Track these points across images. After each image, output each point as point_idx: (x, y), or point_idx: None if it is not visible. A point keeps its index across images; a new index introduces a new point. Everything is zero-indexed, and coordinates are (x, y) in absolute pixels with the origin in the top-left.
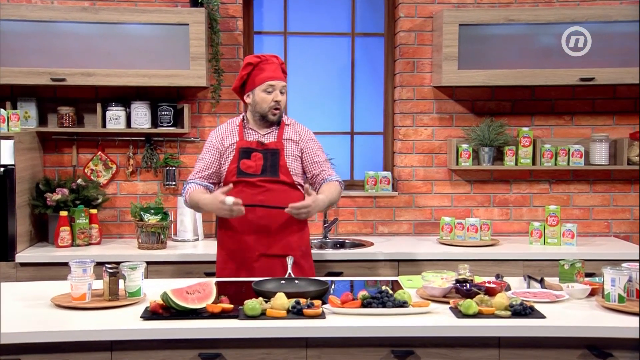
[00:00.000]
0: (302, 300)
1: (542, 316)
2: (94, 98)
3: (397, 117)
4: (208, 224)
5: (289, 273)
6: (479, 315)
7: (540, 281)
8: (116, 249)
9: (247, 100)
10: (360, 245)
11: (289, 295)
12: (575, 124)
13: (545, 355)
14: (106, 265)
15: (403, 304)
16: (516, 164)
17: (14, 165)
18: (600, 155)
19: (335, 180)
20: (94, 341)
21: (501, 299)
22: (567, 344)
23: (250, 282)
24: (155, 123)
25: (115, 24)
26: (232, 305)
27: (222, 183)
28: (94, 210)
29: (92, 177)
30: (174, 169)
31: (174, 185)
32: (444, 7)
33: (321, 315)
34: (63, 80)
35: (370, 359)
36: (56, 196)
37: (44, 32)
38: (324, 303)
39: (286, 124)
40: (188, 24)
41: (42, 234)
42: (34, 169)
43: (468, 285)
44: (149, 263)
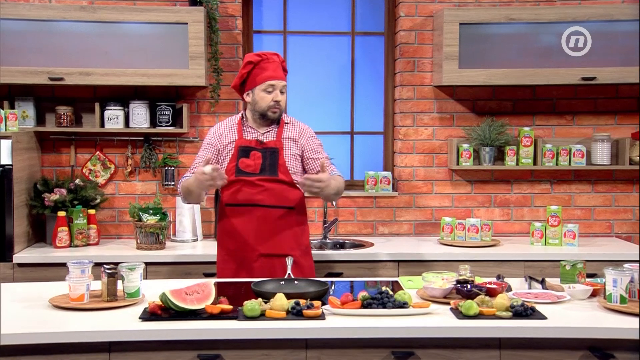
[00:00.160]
0: (302, 301)
1: (544, 317)
2: (92, 97)
3: (398, 117)
4: (207, 224)
5: (289, 273)
6: (479, 316)
7: (542, 282)
8: (114, 249)
9: (247, 99)
10: (361, 245)
11: (289, 296)
12: (576, 124)
13: (547, 357)
14: (104, 265)
15: (403, 305)
16: (517, 164)
17: (11, 165)
18: (602, 155)
19: (338, 175)
20: (92, 342)
21: (502, 299)
22: (569, 345)
23: (250, 283)
24: (153, 123)
25: (113, 23)
26: (232, 306)
27: None
28: (92, 211)
29: (91, 177)
30: (172, 169)
31: (173, 185)
32: (445, 6)
33: (321, 316)
34: (61, 79)
35: None
36: (54, 196)
37: (42, 31)
38: (323, 304)
39: (286, 123)
40: (187, 23)
41: (40, 235)
42: (31, 169)
43: (469, 286)
44: (147, 264)
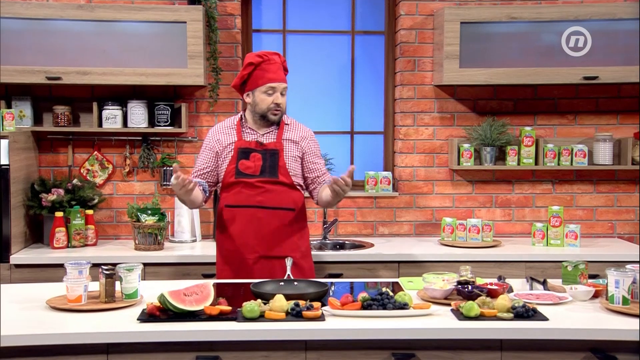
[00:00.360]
0: (301, 302)
1: (545, 318)
2: (90, 97)
3: (398, 117)
4: (206, 224)
5: (288, 274)
6: (480, 317)
7: (543, 283)
8: (112, 250)
9: (247, 100)
10: (360, 246)
11: (288, 297)
12: (578, 124)
13: (548, 358)
14: (102, 266)
15: (404, 306)
16: (518, 164)
17: (8, 165)
18: (604, 155)
19: None
20: (90, 344)
21: (503, 301)
22: (571, 346)
23: (249, 284)
24: (152, 122)
25: (111, 21)
26: (231, 307)
27: (221, 183)
28: (90, 211)
29: (88, 178)
30: (171, 169)
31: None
32: (445, 5)
33: (321, 318)
34: (58, 78)
35: None
36: (51, 197)
37: (39, 30)
38: (323, 305)
39: (286, 124)
40: (185, 22)
41: (37, 235)
42: (29, 169)
43: (470, 287)
44: (145, 264)
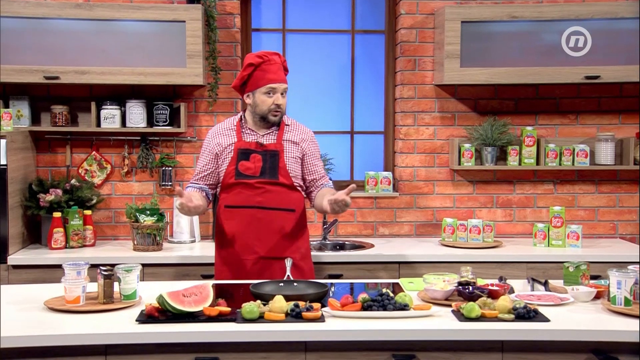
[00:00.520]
0: (301, 303)
1: (547, 320)
2: (88, 96)
3: (398, 116)
4: (205, 225)
5: (288, 275)
6: (481, 318)
7: (545, 284)
8: (111, 250)
9: (247, 101)
10: (361, 247)
11: (288, 298)
12: (580, 123)
13: None
14: (101, 267)
15: (404, 307)
16: (520, 164)
17: (6, 165)
18: (605, 155)
19: (332, 188)
20: (88, 345)
21: (504, 302)
22: (572, 348)
23: (248, 285)
24: (150, 122)
25: (110, 20)
26: (230, 309)
27: (221, 184)
28: (88, 212)
29: (86, 178)
30: (170, 169)
31: (170, 185)
32: (446, 4)
33: (320, 319)
34: (56, 78)
35: None
36: (49, 197)
37: (37, 29)
38: (323, 306)
39: (286, 124)
40: (184, 21)
41: (35, 236)
42: (26, 169)
43: (470, 287)
44: (144, 265)
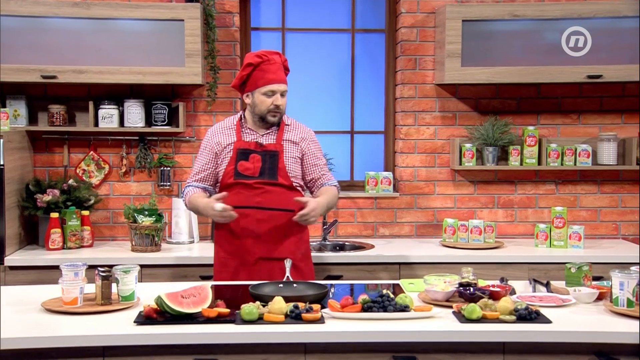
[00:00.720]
0: (301, 305)
1: (548, 321)
2: (85, 96)
3: (399, 116)
4: (204, 225)
5: (287, 276)
6: (482, 320)
7: (546, 285)
8: (109, 251)
9: (247, 101)
10: (361, 247)
11: (287, 299)
12: (582, 123)
13: None
14: (98, 268)
15: (405, 309)
16: (521, 164)
17: (2, 165)
18: (608, 154)
19: (333, 186)
20: (86, 347)
21: (506, 303)
22: (574, 349)
23: (247, 286)
24: (149, 122)
25: (107, 19)
26: (229, 310)
27: (220, 184)
28: (85, 212)
29: (84, 178)
30: (168, 169)
31: (169, 185)
32: (447, 3)
33: (320, 320)
34: (54, 77)
35: None
36: (47, 197)
37: (35, 28)
38: (323, 307)
39: (286, 124)
40: (183, 20)
41: (32, 237)
42: (23, 169)
43: (472, 289)
44: (142, 266)
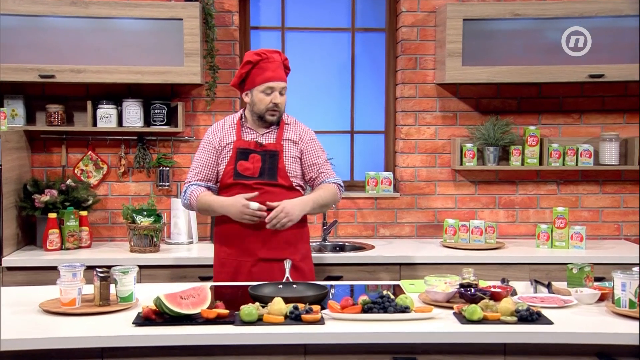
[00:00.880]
0: (301, 306)
1: (550, 322)
2: (84, 95)
3: (399, 116)
4: (203, 226)
5: (287, 277)
6: (483, 321)
7: (548, 286)
8: (107, 252)
9: (246, 99)
10: (361, 248)
11: (287, 300)
12: (584, 123)
13: None
14: (97, 269)
15: (405, 309)
16: (522, 164)
17: (0, 165)
18: (610, 154)
19: (333, 183)
20: (84, 348)
21: (507, 304)
22: (576, 351)
23: (247, 287)
24: (147, 122)
25: (106, 18)
26: (228, 311)
27: (219, 184)
28: (84, 212)
29: (82, 178)
30: (167, 169)
31: (168, 186)
32: (448, 2)
33: (320, 321)
34: (52, 77)
35: None
36: (45, 197)
37: (32, 27)
38: (323, 308)
39: (286, 123)
40: (182, 19)
41: (30, 237)
42: (21, 169)
43: (472, 289)
44: (141, 267)
